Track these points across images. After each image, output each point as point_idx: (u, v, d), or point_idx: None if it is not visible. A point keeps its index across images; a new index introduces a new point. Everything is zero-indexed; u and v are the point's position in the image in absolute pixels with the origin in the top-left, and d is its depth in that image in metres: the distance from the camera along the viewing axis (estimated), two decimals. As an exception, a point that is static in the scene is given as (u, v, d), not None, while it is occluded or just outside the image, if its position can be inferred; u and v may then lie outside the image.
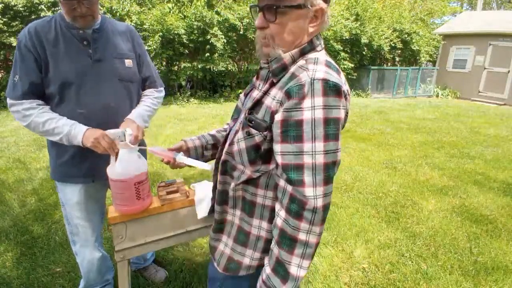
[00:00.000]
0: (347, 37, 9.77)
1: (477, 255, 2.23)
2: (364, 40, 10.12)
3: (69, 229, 1.53)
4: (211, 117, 6.68)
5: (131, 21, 7.54)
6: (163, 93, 1.60)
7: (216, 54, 8.21)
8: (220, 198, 0.92)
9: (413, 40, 11.65)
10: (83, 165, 1.37)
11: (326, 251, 2.24)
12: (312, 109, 0.70)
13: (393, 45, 11.11)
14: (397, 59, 12.28)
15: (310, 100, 0.70)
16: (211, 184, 1.39)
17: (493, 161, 4.28)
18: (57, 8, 6.77)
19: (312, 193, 0.72)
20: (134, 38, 1.46)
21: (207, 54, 8.18)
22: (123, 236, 1.25)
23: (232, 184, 0.88)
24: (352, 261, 2.14)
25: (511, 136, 5.75)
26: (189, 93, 8.91)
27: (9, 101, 1.25)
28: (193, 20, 7.91)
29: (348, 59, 10.13)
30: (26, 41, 1.22)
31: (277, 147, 0.76)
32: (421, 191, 3.29)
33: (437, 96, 11.70)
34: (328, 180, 0.73)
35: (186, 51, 8.23)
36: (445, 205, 3.00)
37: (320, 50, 0.83)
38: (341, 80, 0.75)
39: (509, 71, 10.34)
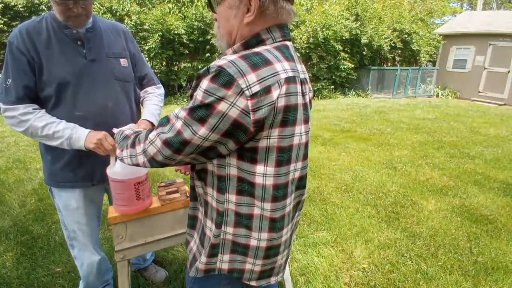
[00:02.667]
0: (347, 37, 9.78)
1: (477, 255, 2.23)
2: (364, 40, 10.12)
3: (66, 233, 1.50)
4: (211, 117, 6.67)
5: (131, 21, 7.55)
6: (163, 90, 1.62)
7: (216, 54, 8.21)
8: (191, 193, 0.92)
9: (413, 40, 11.66)
10: (81, 169, 1.34)
11: (326, 251, 2.24)
12: (198, 89, 0.71)
13: (393, 45, 11.12)
14: (397, 59, 12.29)
15: (201, 81, 0.71)
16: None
17: (493, 161, 4.28)
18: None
19: (152, 137, 0.76)
20: (127, 37, 1.45)
21: (207, 54, 8.18)
22: (123, 236, 1.25)
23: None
24: (352, 261, 2.14)
25: (511, 136, 5.75)
26: (189, 93, 8.91)
27: (2, 106, 1.20)
28: (193, 20, 7.92)
29: (348, 59, 10.15)
30: (18, 43, 1.18)
31: None
32: (421, 191, 3.30)
33: (437, 96, 11.70)
34: (168, 144, 0.73)
35: (186, 51, 8.24)
36: (445, 205, 3.00)
37: (271, 44, 0.76)
38: (253, 75, 0.67)
39: (509, 71, 10.34)
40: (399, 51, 11.73)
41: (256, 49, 0.73)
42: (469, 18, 12.64)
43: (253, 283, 0.88)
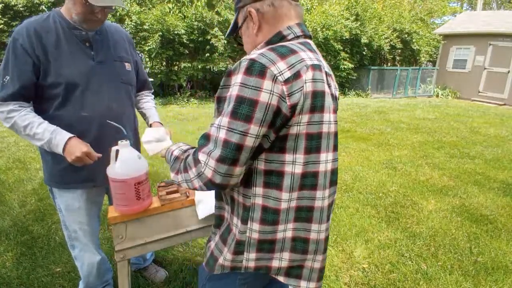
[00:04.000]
0: (347, 37, 9.78)
1: (477, 255, 2.23)
2: (364, 40, 10.13)
3: (67, 234, 1.50)
4: (211, 117, 6.68)
5: (131, 21, 7.55)
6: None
7: (216, 54, 8.21)
8: (216, 192, 0.92)
9: (413, 40, 11.66)
10: (83, 171, 1.33)
11: (326, 251, 2.24)
12: (233, 86, 0.71)
13: (393, 45, 11.12)
14: (397, 59, 12.29)
15: (234, 77, 0.72)
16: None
17: (493, 161, 4.28)
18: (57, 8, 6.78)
19: (204, 159, 0.73)
20: (130, 43, 1.49)
21: (207, 54, 8.18)
22: (123, 236, 1.25)
23: None
24: (352, 261, 2.14)
25: (511, 136, 5.75)
26: (189, 93, 8.91)
27: None
28: (193, 20, 7.92)
29: (348, 59, 10.15)
30: (23, 41, 1.15)
31: None
32: (421, 191, 3.29)
33: (437, 96, 11.70)
34: (222, 159, 0.70)
35: (186, 51, 8.24)
36: (445, 205, 3.00)
37: (293, 39, 0.81)
38: (283, 63, 0.70)
39: (509, 71, 10.34)
40: (399, 51, 11.73)
41: (281, 43, 0.78)
42: (469, 18, 12.64)
43: (281, 279, 0.87)
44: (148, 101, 1.62)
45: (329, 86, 0.81)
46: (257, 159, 0.77)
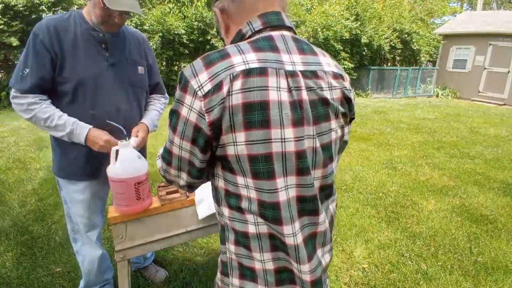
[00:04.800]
0: (347, 37, 9.77)
1: (477, 255, 2.23)
2: (364, 40, 10.13)
3: (70, 226, 1.53)
4: (211, 117, 6.67)
5: (131, 21, 7.54)
6: (167, 100, 1.71)
7: (216, 54, 8.21)
8: None
9: (413, 40, 11.66)
10: (89, 164, 1.38)
11: (326, 251, 2.24)
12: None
13: (393, 45, 11.12)
14: (397, 59, 12.29)
15: None
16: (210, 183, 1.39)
17: (493, 161, 4.28)
18: (57, 8, 6.77)
19: (158, 154, 0.78)
20: (145, 46, 1.52)
21: (207, 54, 8.18)
22: (123, 236, 1.25)
23: None
24: (352, 261, 2.14)
25: (511, 136, 5.75)
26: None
27: (13, 92, 1.24)
28: (193, 20, 7.92)
29: (348, 59, 10.14)
30: (43, 37, 1.21)
31: None
32: (421, 191, 3.29)
33: (437, 96, 11.70)
34: (162, 156, 0.75)
35: (186, 51, 8.24)
36: (445, 205, 3.00)
37: (252, 35, 0.69)
38: (205, 74, 0.61)
39: (509, 71, 10.34)
40: (399, 51, 11.73)
41: (229, 45, 0.67)
42: (469, 18, 12.64)
43: None
44: (152, 104, 1.61)
45: (297, 90, 0.64)
46: (217, 176, 0.71)
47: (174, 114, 0.66)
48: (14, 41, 6.48)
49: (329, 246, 0.78)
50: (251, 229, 0.69)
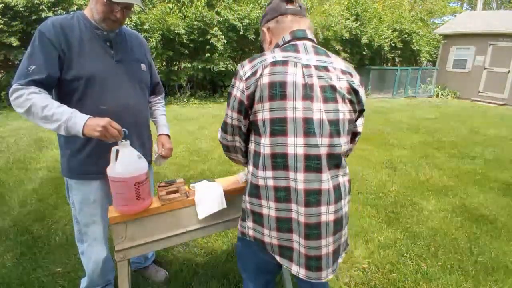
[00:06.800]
0: (347, 37, 9.77)
1: (477, 255, 2.23)
2: (364, 40, 10.12)
3: (77, 228, 1.53)
4: (211, 117, 6.68)
5: (131, 21, 7.54)
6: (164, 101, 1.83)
7: (216, 54, 8.21)
8: None
9: (413, 40, 11.65)
10: (100, 162, 1.32)
11: (326, 251, 2.23)
12: None
13: (393, 45, 11.11)
14: (397, 59, 12.28)
15: None
16: (210, 183, 1.39)
17: (493, 161, 4.28)
18: (57, 8, 6.76)
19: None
20: (145, 48, 1.57)
21: (207, 54, 8.17)
22: (123, 236, 1.25)
23: None
24: (352, 261, 2.14)
25: (511, 136, 5.75)
26: (189, 93, 8.91)
27: (15, 86, 1.18)
28: (193, 20, 7.92)
29: (348, 59, 10.13)
30: (50, 35, 1.21)
31: None
32: (421, 191, 3.29)
33: (437, 96, 11.70)
34: (221, 128, 1.07)
35: (186, 51, 8.23)
36: (445, 205, 3.00)
37: (283, 44, 1.01)
38: (249, 66, 0.95)
39: (509, 71, 10.34)
40: (399, 51, 11.72)
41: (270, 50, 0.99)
42: (469, 18, 12.64)
43: (277, 257, 1.01)
44: (158, 109, 1.71)
45: (310, 77, 0.91)
46: (251, 141, 1.00)
47: (229, 95, 0.98)
48: (14, 41, 6.47)
49: (340, 211, 0.99)
50: (261, 182, 0.96)
